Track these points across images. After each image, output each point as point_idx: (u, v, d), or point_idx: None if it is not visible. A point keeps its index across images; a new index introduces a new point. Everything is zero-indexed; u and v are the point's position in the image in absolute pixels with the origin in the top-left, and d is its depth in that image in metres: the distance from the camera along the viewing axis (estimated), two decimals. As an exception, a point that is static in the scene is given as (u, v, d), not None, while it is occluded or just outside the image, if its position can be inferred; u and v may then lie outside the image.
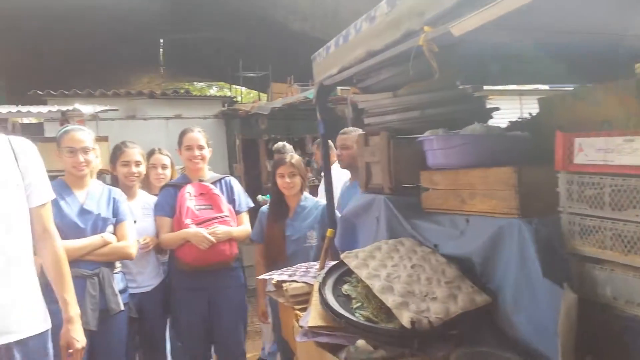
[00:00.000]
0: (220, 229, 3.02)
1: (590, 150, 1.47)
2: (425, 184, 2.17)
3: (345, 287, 2.01)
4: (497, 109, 2.40)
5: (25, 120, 12.55)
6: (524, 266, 1.63)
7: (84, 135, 2.79)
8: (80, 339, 2.15)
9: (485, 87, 2.84)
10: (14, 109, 5.17)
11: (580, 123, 1.74)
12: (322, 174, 3.10)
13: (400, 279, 1.86)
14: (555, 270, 1.55)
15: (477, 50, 2.20)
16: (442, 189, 2.07)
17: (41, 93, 8.59)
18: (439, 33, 1.60)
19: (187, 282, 3.11)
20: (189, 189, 3.12)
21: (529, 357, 1.61)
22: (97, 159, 3.19)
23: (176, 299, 3.17)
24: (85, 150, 2.74)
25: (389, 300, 1.73)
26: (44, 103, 8.18)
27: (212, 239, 2.96)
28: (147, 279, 3.14)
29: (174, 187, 3.20)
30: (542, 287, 1.56)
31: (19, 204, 2.02)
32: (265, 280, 3.05)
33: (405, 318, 1.62)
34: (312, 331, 1.89)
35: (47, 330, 2.07)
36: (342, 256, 2.11)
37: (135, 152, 3.28)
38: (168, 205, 3.13)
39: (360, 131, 3.71)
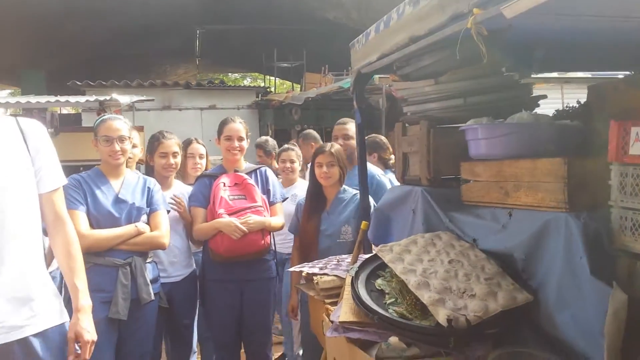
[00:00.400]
0: (253, 218, 2.96)
1: (648, 141, 1.35)
2: (466, 175, 2.07)
3: (379, 282, 1.94)
4: (544, 96, 2.28)
5: (64, 111, 12.87)
6: (570, 263, 1.53)
7: (120, 124, 2.77)
8: (90, 330, 1.95)
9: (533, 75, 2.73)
10: (52, 98, 5.25)
11: (634, 112, 1.62)
12: (359, 165, 2.96)
13: (437, 274, 1.77)
14: (603, 268, 1.46)
15: (523, 36, 2.10)
16: (484, 181, 1.97)
17: (79, 84, 8.76)
18: (489, 15, 1.50)
19: (219, 273, 3.07)
20: (224, 179, 3.08)
21: (571, 359, 1.51)
22: (136, 148, 3.20)
23: (208, 290, 3.14)
24: (121, 139, 2.73)
25: (425, 297, 1.65)
26: (83, 93, 8.34)
27: (245, 228, 2.91)
28: (179, 269, 3.11)
29: (209, 178, 3.17)
30: (589, 286, 1.46)
31: (29, 189, 1.87)
32: (298, 274, 3.00)
33: (441, 315, 1.54)
34: (343, 326, 1.83)
35: (64, 323, 1.94)
36: (376, 249, 2.03)
37: (173, 143, 3.28)
38: (202, 196, 3.10)
39: (351, 121, 3.70)
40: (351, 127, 3.64)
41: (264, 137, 5.13)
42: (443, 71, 2.17)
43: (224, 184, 3.05)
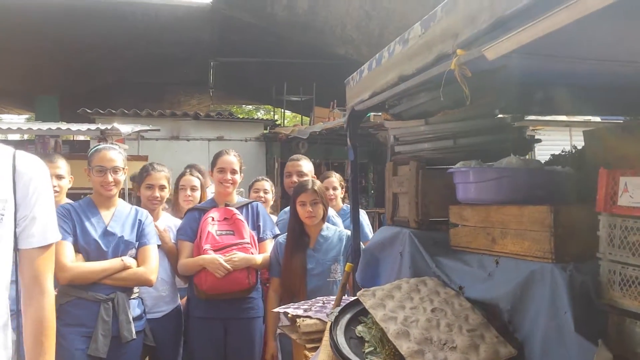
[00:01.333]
0: (238, 256, 2.89)
1: (637, 192, 1.29)
2: (454, 219, 2.00)
3: (359, 329, 1.85)
4: (537, 140, 2.22)
5: (80, 138, 13.04)
6: (556, 317, 1.45)
7: (115, 154, 2.74)
8: None
9: (529, 117, 2.67)
10: (54, 125, 5.29)
11: (628, 160, 1.55)
12: (350, 203, 2.89)
13: (418, 323, 1.69)
14: (589, 324, 1.38)
15: (520, 77, 2.05)
16: (472, 226, 1.90)
17: (89, 111, 8.87)
18: (472, 57, 1.46)
19: (203, 310, 2.99)
20: (213, 213, 3.03)
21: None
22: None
23: (191, 327, 3.06)
24: (115, 170, 2.69)
25: (404, 347, 1.57)
26: (93, 121, 8.44)
27: (229, 266, 2.84)
28: (162, 305, 3.03)
29: (199, 211, 3.12)
30: (573, 342, 1.37)
31: None
32: (276, 319, 2.89)
33: (418, 370, 1.45)
34: (320, 375, 1.74)
35: None
36: (358, 294, 1.95)
37: (161, 176, 3.20)
38: (190, 229, 3.05)
39: (306, 159, 3.68)
40: (304, 163, 3.61)
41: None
42: (434, 111, 2.13)
43: (213, 218, 3.00)
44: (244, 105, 20.52)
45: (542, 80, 2.05)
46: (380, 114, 5.18)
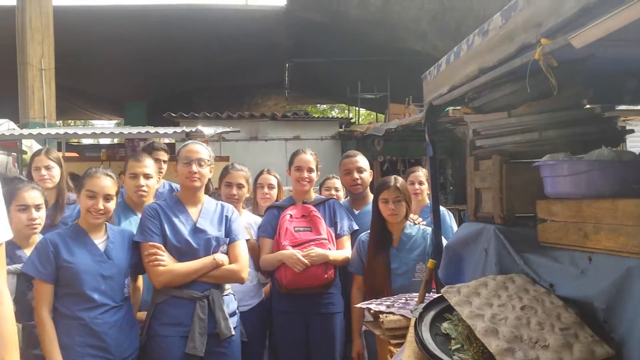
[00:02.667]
0: (316, 251, 2.93)
1: None
2: (542, 214, 1.93)
3: (445, 325, 1.83)
4: (630, 131, 2.09)
5: (166, 141, 13.75)
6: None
7: (201, 148, 2.78)
8: None
9: (620, 107, 2.52)
10: (143, 129, 5.62)
11: None
12: (431, 200, 2.85)
13: (507, 321, 1.65)
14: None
15: (609, 65, 1.95)
16: (562, 221, 1.82)
17: (174, 115, 9.31)
18: (558, 46, 1.41)
19: (284, 305, 3.07)
20: (291, 210, 3.11)
21: None
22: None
23: (275, 321, 3.15)
24: (200, 162, 2.70)
25: (492, 345, 1.53)
26: (177, 124, 8.86)
27: (306, 261, 2.89)
28: (247, 299, 3.13)
29: (278, 209, 3.21)
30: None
31: None
32: (360, 316, 2.91)
33: (508, 368, 1.42)
34: (405, 371, 1.74)
35: None
36: (442, 291, 1.93)
37: (240, 175, 3.31)
38: (270, 226, 3.14)
39: (361, 155, 3.53)
40: (361, 158, 3.47)
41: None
42: (517, 103, 2.06)
43: (291, 215, 3.07)
44: (318, 105, 20.74)
45: (634, 68, 1.94)
46: (459, 107, 5.05)
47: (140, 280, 2.89)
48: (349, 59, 10.59)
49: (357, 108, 12.62)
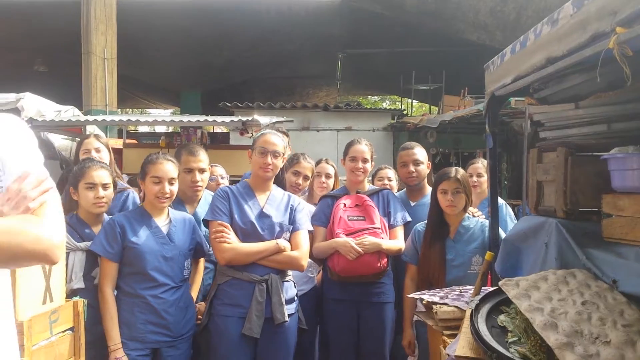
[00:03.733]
0: (369, 240, 2.93)
1: None
2: (608, 209, 1.87)
3: (502, 318, 1.81)
4: None
5: (217, 130, 14.05)
6: None
7: (277, 139, 2.81)
8: None
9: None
10: (202, 118, 5.76)
11: None
12: (490, 192, 2.80)
13: (567, 315, 1.61)
14: None
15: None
16: (629, 217, 1.77)
17: (229, 105, 9.49)
18: (635, 34, 1.37)
19: (336, 293, 3.09)
20: (345, 200, 3.12)
21: None
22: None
23: (326, 308, 3.17)
24: (275, 154, 2.76)
25: (551, 339, 1.51)
26: (231, 114, 9.03)
27: (360, 249, 2.90)
28: (300, 284, 3.14)
29: (332, 198, 3.23)
30: None
31: None
32: (412, 306, 2.90)
33: (569, 362, 1.40)
34: (460, 361, 1.73)
35: None
36: (500, 283, 1.90)
37: (309, 167, 3.41)
38: (324, 215, 3.17)
39: (419, 147, 3.47)
40: (419, 151, 3.44)
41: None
42: (585, 94, 2.01)
43: (345, 204, 3.09)
44: (369, 96, 20.63)
45: None
46: (522, 99, 4.92)
47: (201, 264, 2.98)
48: (403, 50, 10.47)
49: (409, 100, 12.49)
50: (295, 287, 2.88)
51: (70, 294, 2.50)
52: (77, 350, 2.36)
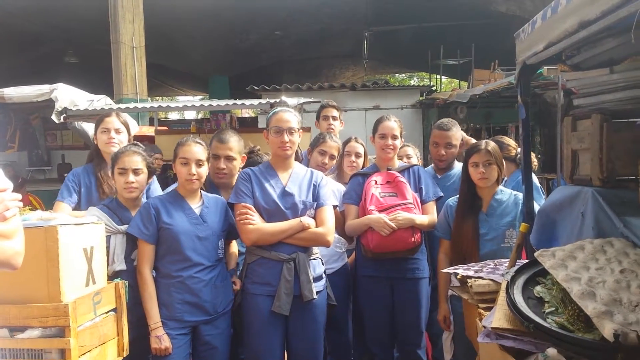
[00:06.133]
0: (402, 215, 2.93)
1: None
2: (646, 176, 1.83)
3: (538, 289, 1.80)
4: None
5: (245, 114, 14.12)
6: None
7: (291, 116, 2.80)
8: None
9: None
10: (230, 102, 5.79)
11: None
12: (522, 163, 2.75)
13: (605, 284, 1.59)
14: None
15: None
16: (669, 183, 1.72)
17: (257, 88, 9.51)
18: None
19: (370, 269, 3.10)
20: (376, 177, 3.11)
21: None
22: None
23: (359, 285, 3.20)
24: (290, 131, 2.74)
25: (589, 308, 1.49)
26: (259, 97, 9.06)
27: (393, 225, 2.90)
28: (331, 262, 3.18)
29: (362, 176, 3.23)
30: None
31: None
32: (446, 281, 2.89)
33: (607, 329, 1.38)
34: (496, 333, 1.73)
35: None
36: (536, 254, 1.88)
37: (335, 147, 3.43)
38: (355, 193, 3.17)
39: (456, 126, 3.43)
40: (454, 133, 3.43)
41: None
42: (620, 59, 1.95)
43: (376, 181, 3.08)
44: (396, 74, 20.38)
45: None
46: (555, 66, 4.79)
47: (234, 245, 3.03)
48: (430, 25, 10.29)
49: (437, 76, 12.28)
50: (323, 264, 2.90)
51: (113, 275, 2.59)
52: (120, 330, 2.45)
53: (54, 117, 5.49)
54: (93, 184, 3.10)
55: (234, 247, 3.04)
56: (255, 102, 5.94)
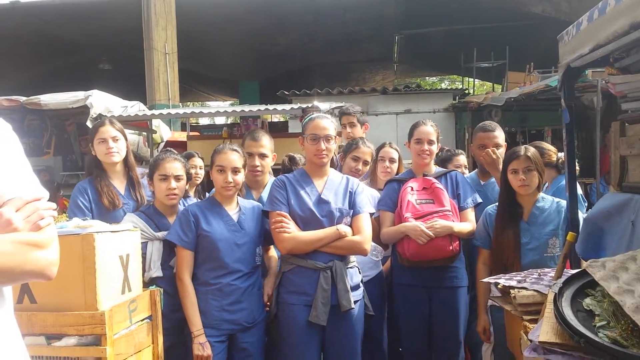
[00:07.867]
0: (440, 223, 2.84)
1: None
2: None
3: (587, 301, 1.71)
4: None
5: (275, 119, 14.17)
6: None
7: (328, 123, 2.73)
8: None
9: None
10: (262, 107, 5.81)
11: None
12: (566, 169, 2.65)
13: (662, 298, 1.50)
14: None
15: None
16: None
17: (287, 93, 9.54)
18: None
19: (406, 278, 3.02)
20: (412, 183, 3.04)
21: None
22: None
23: (395, 294, 3.12)
24: (327, 139, 2.70)
25: (646, 323, 1.41)
26: (290, 102, 9.08)
27: (431, 233, 2.82)
28: (366, 270, 3.09)
29: (398, 182, 3.15)
30: None
31: None
32: (486, 291, 2.81)
33: (667, 347, 1.30)
34: (544, 347, 1.65)
35: None
36: (585, 265, 1.80)
37: (369, 153, 3.38)
38: (390, 200, 3.10)
39: (499, 129, 3.34)
40: (500, 134, 3.32)
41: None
42: (674, 60, 1.85)
43: (412, 188, 3.00)
44: (427, 78, 20.21)
45: None
46: (601, 69, 4.64)
47: (273, 249, 3.01)
48: (463, 27, 10.16)
49: (469, 79, 12.10)
50: (360, 273, 2.84)
51: (149, 282, 2.60)
52: (154, 337, 2.44)
53: (89, 124, 5.59)
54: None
55: (273, 251, 3.02)
56: (287, 107, 5.96)
